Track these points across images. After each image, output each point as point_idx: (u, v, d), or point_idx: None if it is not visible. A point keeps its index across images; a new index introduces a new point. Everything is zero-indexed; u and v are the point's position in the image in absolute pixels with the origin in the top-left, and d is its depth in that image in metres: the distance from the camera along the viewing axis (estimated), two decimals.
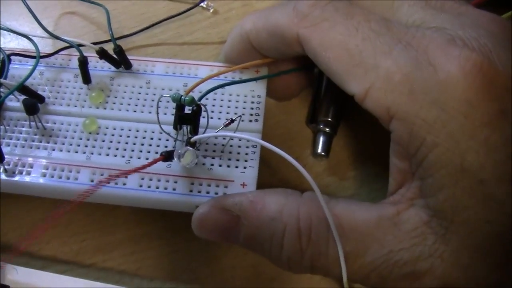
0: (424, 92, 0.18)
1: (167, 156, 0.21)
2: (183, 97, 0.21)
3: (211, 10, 0.31)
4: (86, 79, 0.24)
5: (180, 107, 0.21)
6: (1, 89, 0.23)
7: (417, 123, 0.18)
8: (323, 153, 0.26)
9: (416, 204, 0.19)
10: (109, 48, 0.25)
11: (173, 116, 0.22)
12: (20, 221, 0.25)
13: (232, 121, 0.22)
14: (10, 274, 0.21)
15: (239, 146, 0.23)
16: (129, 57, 0.25)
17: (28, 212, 0.25)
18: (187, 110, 0.22)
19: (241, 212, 0.20)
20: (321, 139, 0.27)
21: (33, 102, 0.22)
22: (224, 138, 0.23)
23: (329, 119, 0.27)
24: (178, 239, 0.25)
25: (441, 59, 0.18)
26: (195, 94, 0.22)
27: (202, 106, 0.22)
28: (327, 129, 0.27)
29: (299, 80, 0.26)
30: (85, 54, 0.24)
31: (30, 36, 0.24)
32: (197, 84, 0.22)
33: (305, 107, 0.29)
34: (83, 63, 0.24)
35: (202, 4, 0.31)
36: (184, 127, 0.22)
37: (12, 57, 0.25)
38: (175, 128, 0.22)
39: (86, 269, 0.24)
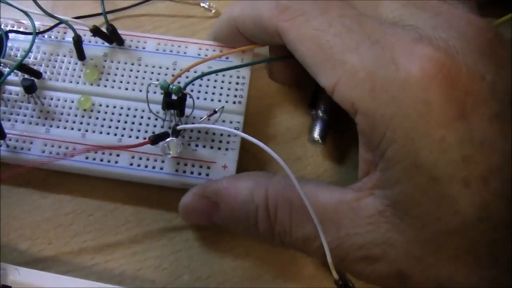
0: (385, 90, 0.19)
1: (154, 140, 0.22)
2: (170, 86, 0.22)
3: (213, 11, 0.31)
4: (81, 56, 0.25)
5: (167, 93, 0.23)
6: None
7: (378, 119, 0.19)
8: (319, 139, 0.27)
9: (375, 194, 0.20)
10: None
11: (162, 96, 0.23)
12: (21, 221, 0.25)
13: (215, 112, 0.24)
14: (12, 274, 0.21)
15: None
16: (121, 32, 0.26)
17: (29, 212, 0.25)
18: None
19: (218, 198, 0.22)
20: (318, 125, 0.27)
21: (31, 82, 0.24)
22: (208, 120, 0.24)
23: (328, 107, 0.27)
24: (179, 239, 0.25)
25: (404, 57, 0.19)
26: (183, 77, 0.24)
27: (187, 94, 0.23)
28: (325, 116, 0.27)
29: (294, 66, 0.25)
30: (80, 28, 0.25)
31: (27, 12, 0.25)
32: (182, 72, 0.24)
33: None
34: (77, 42, 0.25)
35: (204, 4, 0.31)
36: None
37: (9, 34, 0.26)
38: (163, 109, 0.24)
39: (87, 270, 0.24)
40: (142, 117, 0.25)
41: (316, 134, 0.27)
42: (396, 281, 0.20)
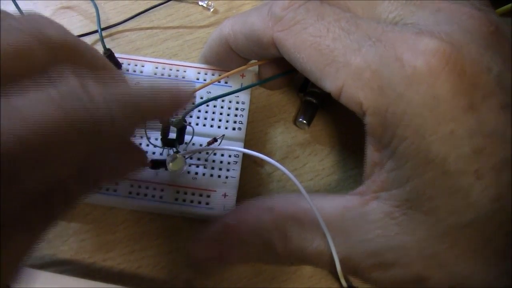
0: (392, 88, 0.19)
1: (156, 164, 0.23)
2: (170, 119, 0.22)
3: (211, 10, 0.31)
4: None
5: (164, 130, 0.23)
6: None
7: (388, 118, 0.19)
8: (304, 121, 0.28)
9: (380, 197, 0.20)
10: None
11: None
12: None
13: (215, 140, 0.24)
14: None
15: (222, 155, 0.25)
16: (118, 55, 0.27)
17: None
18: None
19: (227, 237, 0.22)
20: (306, 108, 0.28)
21: None
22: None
23: (317, 90, 0.28)
24: (177, 238, 0.25)
25: (408, 53, 0.19)
26: None
27: (186, 124, 0.23)
28: (314, 100, 0.28)
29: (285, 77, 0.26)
30: None
31: None
32: None
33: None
34: None
35: (202, 3, 0.31)
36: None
37: None
38: (162, 146, 0.24)
39: (85, 269, 0.24)
40: (140, 144, 0.25)
41: (302, 116, 0.28)
42: (414, 285, 0.20)
